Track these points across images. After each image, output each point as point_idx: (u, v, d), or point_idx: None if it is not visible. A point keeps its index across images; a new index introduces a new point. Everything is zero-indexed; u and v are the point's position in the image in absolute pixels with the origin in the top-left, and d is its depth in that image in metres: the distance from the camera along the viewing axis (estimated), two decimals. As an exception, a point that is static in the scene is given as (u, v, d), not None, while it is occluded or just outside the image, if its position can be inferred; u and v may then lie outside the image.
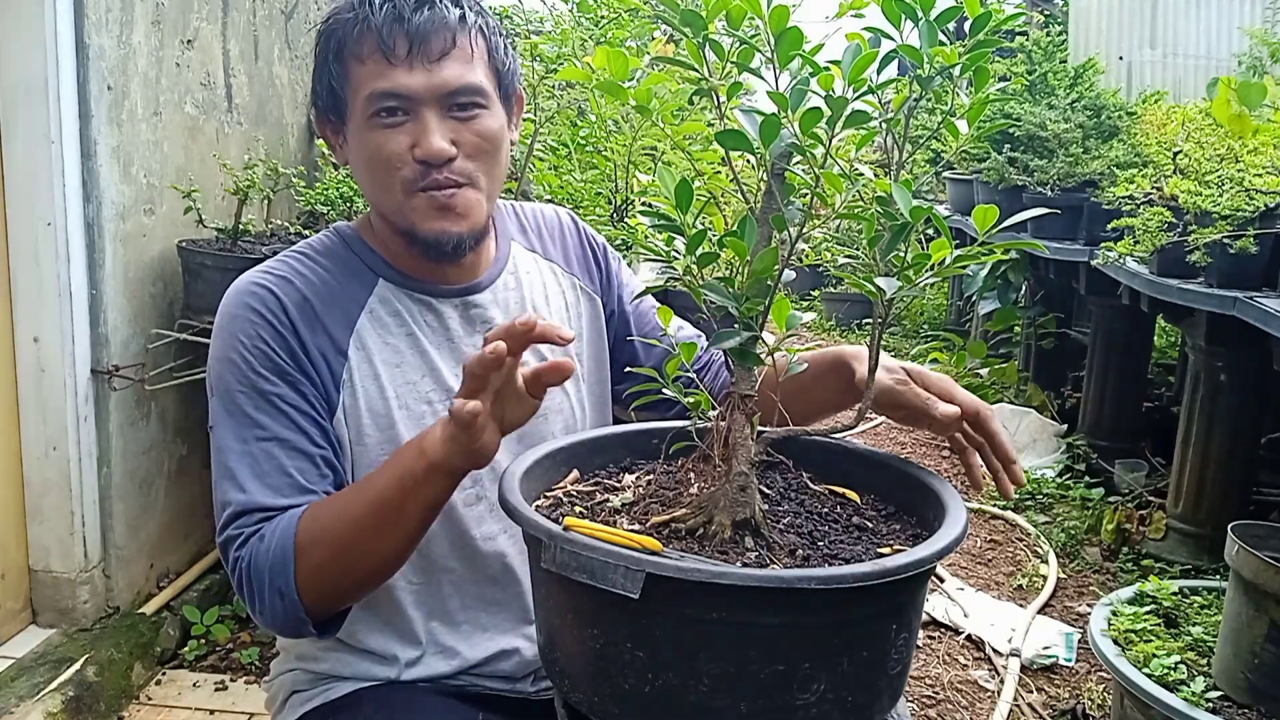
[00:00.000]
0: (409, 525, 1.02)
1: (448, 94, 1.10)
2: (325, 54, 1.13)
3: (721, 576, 0.77)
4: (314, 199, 2.94)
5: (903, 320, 7.54)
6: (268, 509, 1.07)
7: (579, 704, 0.89)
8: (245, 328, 1.12)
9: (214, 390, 1.13)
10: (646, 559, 0.78)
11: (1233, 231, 2.71)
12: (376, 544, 1.03)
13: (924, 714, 2.57)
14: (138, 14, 2.51)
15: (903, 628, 0.87)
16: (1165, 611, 2.34)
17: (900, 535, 0.99)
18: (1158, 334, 4.52)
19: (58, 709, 2.20)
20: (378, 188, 1.14)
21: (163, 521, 2.75)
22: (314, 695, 1.22)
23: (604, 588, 0.78)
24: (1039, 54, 4.73)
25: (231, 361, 1.11)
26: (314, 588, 1.04)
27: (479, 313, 1.24)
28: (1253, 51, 4.88)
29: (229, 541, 1.07)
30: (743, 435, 0.91)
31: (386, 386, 1.16)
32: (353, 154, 1.16)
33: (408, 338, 1.19)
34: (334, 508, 1.06)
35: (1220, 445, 3.16)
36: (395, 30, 1.08)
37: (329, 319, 1.15)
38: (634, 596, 0.77)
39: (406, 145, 1.10)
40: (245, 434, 1.09)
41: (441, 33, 1.09)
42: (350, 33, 1.10)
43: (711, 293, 0.89)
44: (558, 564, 0.82)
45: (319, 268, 1.18)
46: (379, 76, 1.09)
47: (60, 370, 2.38)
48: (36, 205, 2.32)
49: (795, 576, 0.78)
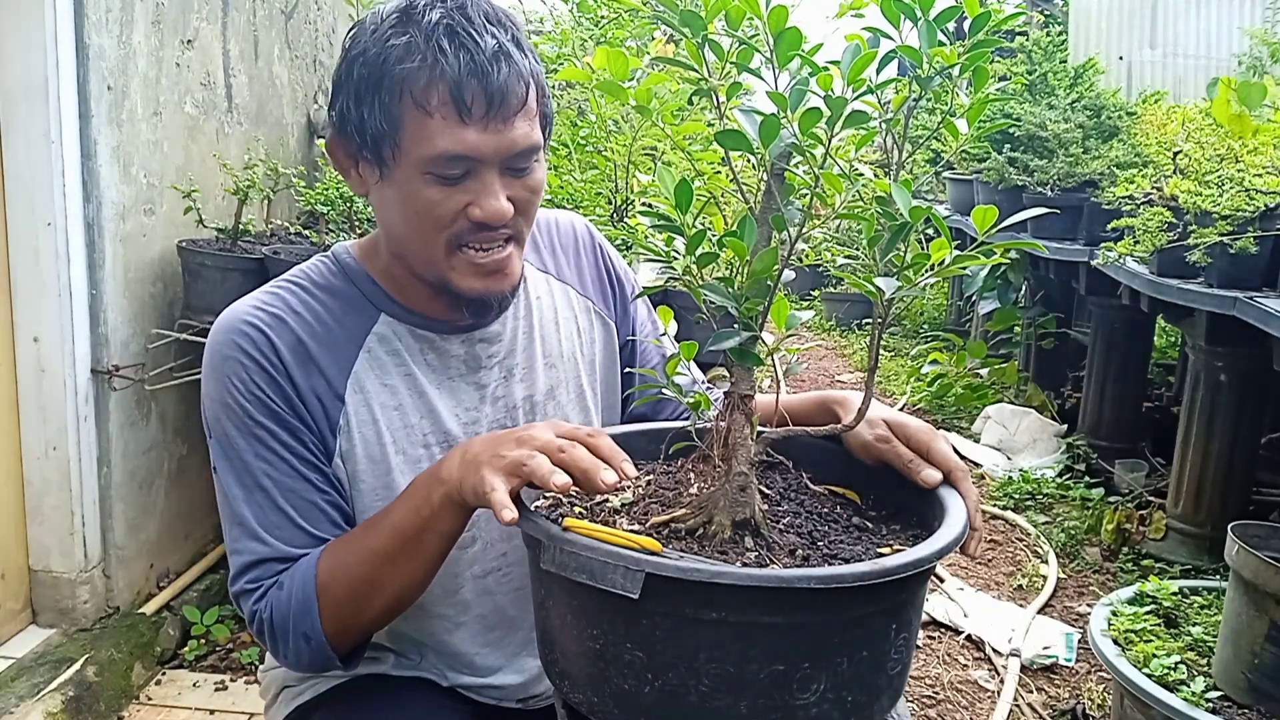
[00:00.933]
0: (427, 554, 1.02)
1: (514, 155, 1.03)
2: (376, 89, 1.01)
3: (721, 576, 0.77)
4: (314, 199, 2.94)
5: (903, 320, 7.54)
6: (282, 558, 1.07)
7: (579, 705, 0.89)
8: (237, 370, 1.07)
9: (211, 432, 1.10)
10: (646, 559, 0.78)
11: (1233, 231, 2.71)
12: (395, 574, 1.03)
13: (924, 714, 2.57)
14: (138, 14, 2.51)
15: (902, 627, 0.87)
16: (1165, 611, 2.34)
17: (900, 535, 0.99)
18: (1158, 334, 4.52)
19: (58, 709, 2.20)
20: (416, 240, 1.07)
21: (163, 521, 2.75)
22: (303, 690, 1.22)
23: (604, 588, 0.78)
24: (1039, 54, 4.73)
25: (227, 405, 1.08)
26: (337, 624, 1.04)
27: (484, 348, 1.19)
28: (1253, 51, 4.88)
29: (246, 594, 1.07)
30: (742, 435, 0.91)
31: (384, 432, 1.12)
32: (389, 199, 1.06)
33: (405, 378, 1.14)
34: (351, 544, 1.05)
35: (1220, 445, 3.16)
36: (473, 87, 0.98)
37: (325, 361, 1.10)
38: (634, 596, 0.77)
39: (462, 204, 1.03)
40: (248, 481, 1.08)
41: (517, 89, 1.01)
42: (415, 76, 0.99)
43: (711, 293, 0.89)
44: (557, 565, 0.82)
45: (315, 302, 1.13)
46: (448, 135, 0.99)
47: (60, 370, 2.38)
48: (36, 205, 2.32)
49: (795, 576, 0.78)
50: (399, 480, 1.12)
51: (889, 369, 6.24)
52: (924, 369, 5.65)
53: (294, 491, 1.08)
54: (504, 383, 1.20)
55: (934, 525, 0.94)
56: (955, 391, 5.30)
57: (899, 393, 5.60)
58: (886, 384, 5.90)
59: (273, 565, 1.07)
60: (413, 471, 1.12)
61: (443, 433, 1.15)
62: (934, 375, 5.48)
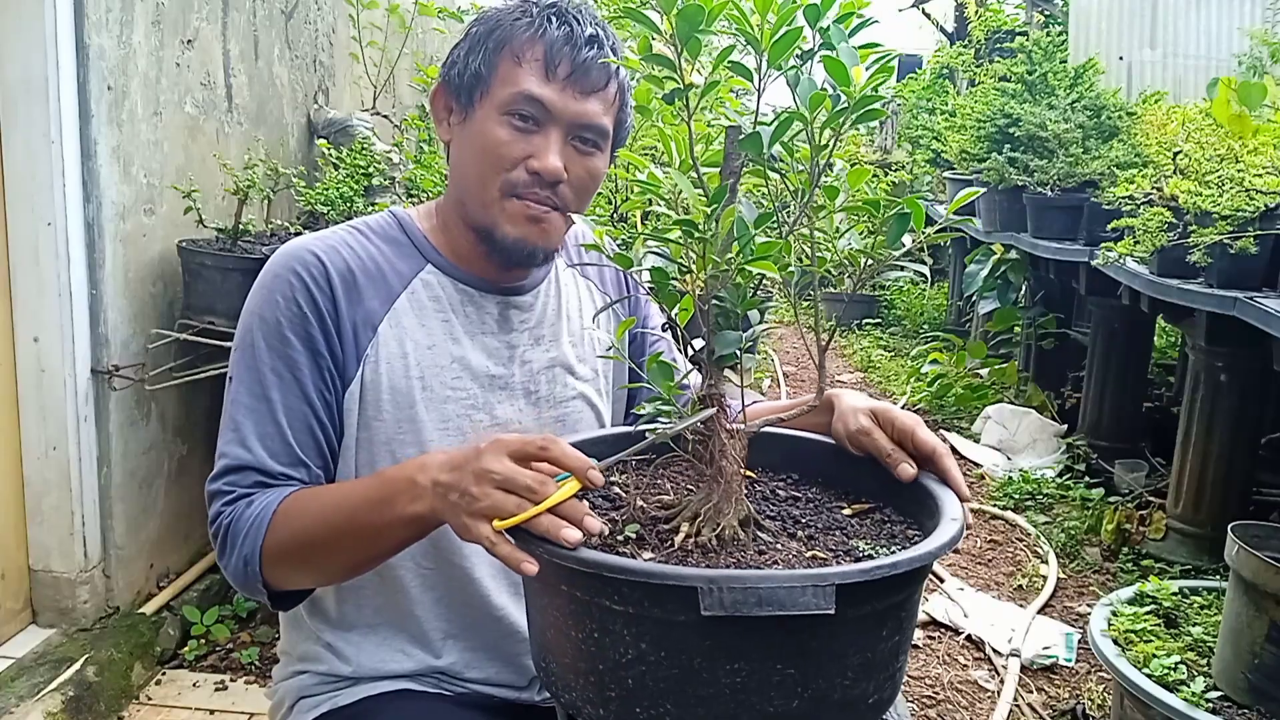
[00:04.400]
0: (376, 548, 1.07)
1: (581, 125, 1.16)
2: (484, 38, 1.17)
3: (896, 566, 0.78)
4: (314, 199, 2.94)
5: (903, 320, 7.55)
6: (262, 472, 1.12)
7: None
8: (285, 289, 1.15)
9: (239, 343, 1.17)
10: (831, 572, 0.77)
11: (1233, 232, 2.71)
12: (338, 551, 1.07)
13: (924, 714, 2.57)
14: (138, 14, 2.51)
15: (915, 611, 0.90)
16: (1165, 612, 2.34)
17: (833, 496, 1.04)
18: (1158, 334, 4.52)
19: (58, 709, 2.20)
20: (477, 177, 1.17)
21: (163, 521, 2.75)
22: (322, 700, 1.23)
23: (797, 613, 0.75)
24: (1039, 54, 4.73)
25: (263, 319, 1.15)
26: (275, 564, 1.09)
27: (517, 314, 1.27)
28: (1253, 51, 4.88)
29: (219, 494, 1.13)
30: (725, 436, 0.92)
31: (413, 366, 1.18)
32: (468, 136, 1.19)
33: (443, 324, 1.22)
34: (316, 502, 1.09)
35: (1220, 445, 3.16)
36: (564, 52, 1.13)
37: (369, 294, 1.18)
38: (830, 611, 0.75)
39: (524, 153, 1.14)
40: (257, 390, 1.14)
41: (600, 73, 1.15)
42: (520, 33, 1.15)
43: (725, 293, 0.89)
44: (728, 606, 0.75)
45: (369, 244, 1.22)
46: (531, 81, 1.13)
47: (60, 370, 2.38)
48: (36, 205, 2.32)
49: (845, 572, 0.78)
50: (422, 415, 1.18)
51: (889, 369, 6.24)
52: (924, 369, 5.66)
53: (295, 412, 1.14)
54: (532, 347, 1.28)
55: (897, 502, 1.00)
56: (955, 391, 5.30)
57: (899, 393, 5.60)
58: (886, 384, 5.90)
59: (251, 474, 1.12)
60: (437, 410, 1.19)
61: (472, 379, 1.22)
62: (934, 375, 5.48)
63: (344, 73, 3.85)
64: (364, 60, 3.56)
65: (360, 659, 1.23)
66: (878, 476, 1.05)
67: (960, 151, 5.00)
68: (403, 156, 3.17)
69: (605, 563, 0.81)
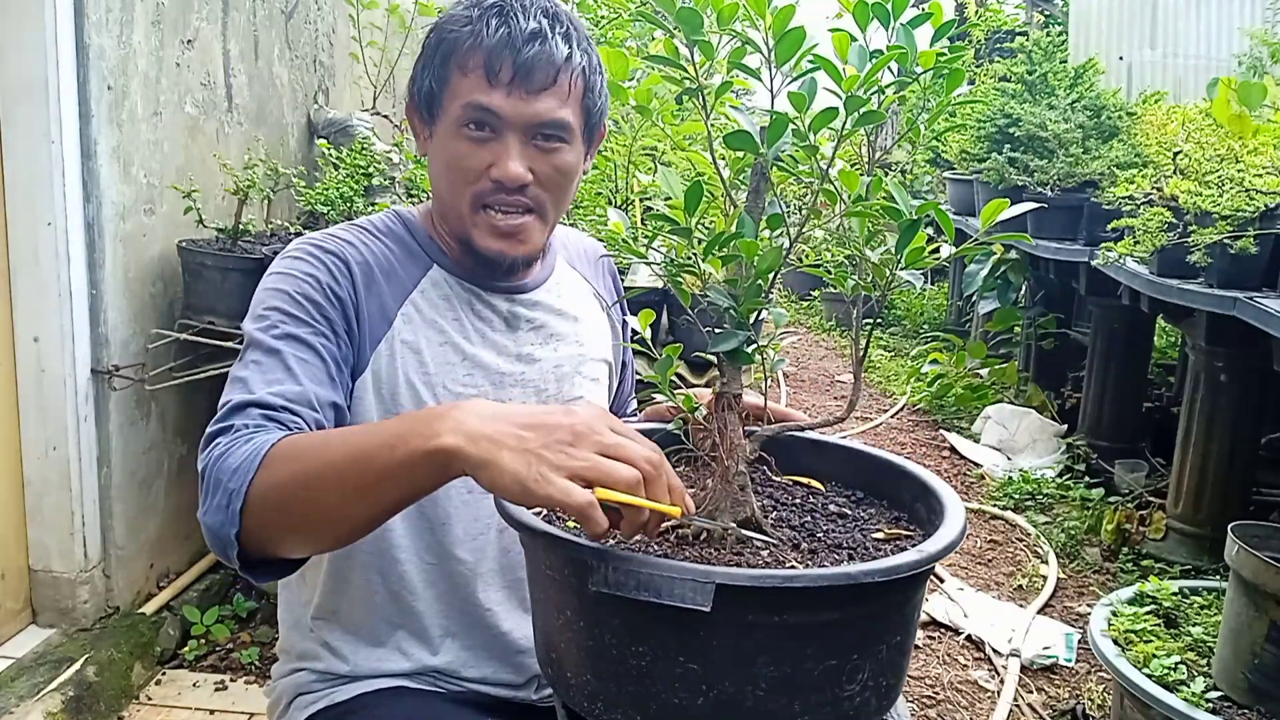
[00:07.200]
0: (377, 496, 0.90)
1: (535, 125, 1.14)
2: (432, 53, 1.17)
3: (794, 580, 0.77)
4: (314, 199, 2.94)
5: (903, 321, 7.54)
6: (266, 406, 1.02)
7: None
8: (305, 266, 1.15)
9: (252, 314, 1.12)
10: (714, 570, 0.77)
11: (1233, 232, 2.71)
12: (334, 497, 0.90)
13: (924, 714, 2.57)
14: (138, 14, 2.51)
15: (858, 641, 0.87)
16: (1165, 612, 2.34)
17: (884, 517, 1.02)
18: (1158, 334, 4.52)
19: (58, 709, 2.20)
20: (449, 193, 1.19)
21: (163, 521, 2.75)
22: (319, 698, 1.23)
23: (671, 604, 0.75)
24: (1039, 54, 4.73)
25: (281, 291, 1.13)
26: (257, 510, 0.92)
27: (524, 312, 1.28)
28: (1253, 52, 4.88)
29: (214, 435, 1.00)
30: (737, 435, 0.92)
31: (429, 362, 1.19)
32: (435, 153, 1.20)
33: (454, 321, 1.23)
34: (320, 438, 0.96)
35: (1220, 445, 3.16)
36: (503, 56, 1.11)
37: (384, 287, 1.19)
38: (705, 610, 0.75)
39: (486, 162, 1.14)
40: (268, 347, 1.08)
41: (545, 69, 1.12)
42: (462, 43, 1.13)
43: (714, 294, 0.89)
44: (612, 584, 0.77)
45: (379, 242, 1.23)
46: (477, 90, 1.12)
47: (60, 370, 2.38)
48: (36, 205, 2.32)
49: (861, 571, 0.79)
50: None
51: (889, 369, 6.24)
52: (924, 369, 5.66)
53: (311, 364, 1.08)
54: (541, 346, 1.29)
55: (905, 501, 1.00)
56: (955, 391, 5.29)
57: (899, 393, 5.60)
58: (886, 384, 5.89)
59: (254, 411, 1.01)
60: None
61: (484, 377, 1.23)
62: (934, 375, 5.48)
63: (344, 73, 3.85)
64: (364, 60, 3.56)
65: (358, 658, 1.23)
66: (859, 468, 1.09)
67: (960, 151, 5.01)
68: (403, 156, 3.17)
69: (551, 533, 0.86)
